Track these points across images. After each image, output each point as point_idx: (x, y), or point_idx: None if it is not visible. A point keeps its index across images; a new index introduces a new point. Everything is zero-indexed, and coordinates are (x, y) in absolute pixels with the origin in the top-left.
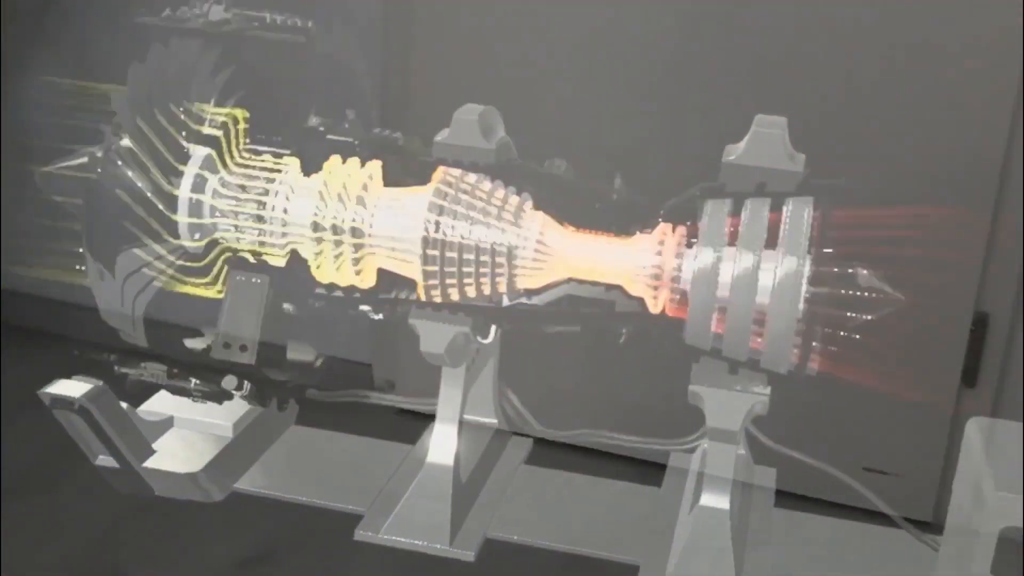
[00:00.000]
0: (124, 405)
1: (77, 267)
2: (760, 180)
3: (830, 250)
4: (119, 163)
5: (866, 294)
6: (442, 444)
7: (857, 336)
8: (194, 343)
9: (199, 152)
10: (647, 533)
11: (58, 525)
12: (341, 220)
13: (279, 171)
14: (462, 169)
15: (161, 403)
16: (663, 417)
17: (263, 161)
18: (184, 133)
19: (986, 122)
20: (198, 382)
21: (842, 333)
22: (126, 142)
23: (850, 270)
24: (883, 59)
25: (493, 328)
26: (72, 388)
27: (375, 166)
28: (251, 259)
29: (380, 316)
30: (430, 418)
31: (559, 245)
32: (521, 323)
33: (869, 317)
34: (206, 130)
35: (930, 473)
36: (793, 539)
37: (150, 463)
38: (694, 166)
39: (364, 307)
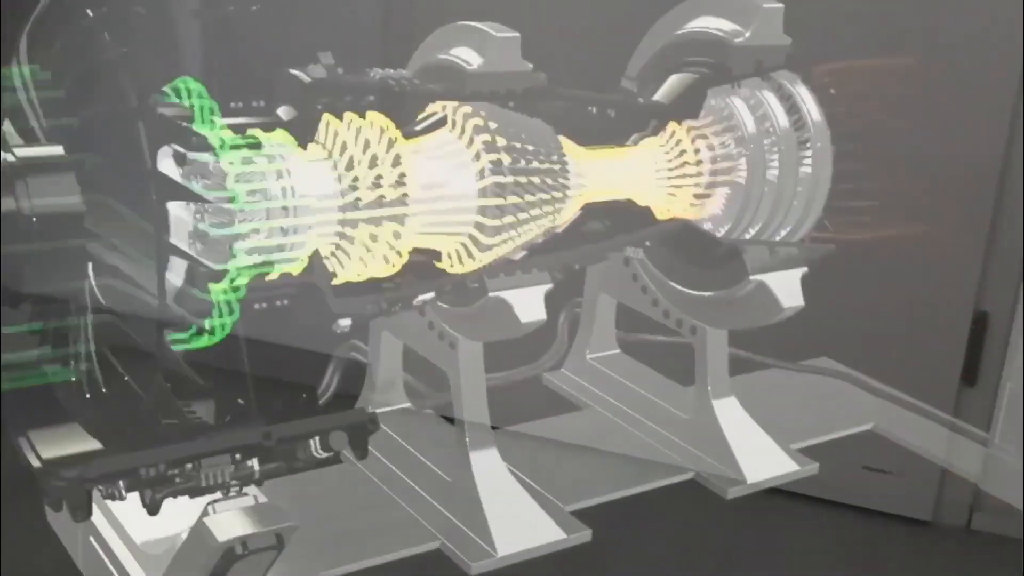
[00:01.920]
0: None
1: None
2: (758, 59)
3: None
4: None
5: None
6: (481, 440)
7: None
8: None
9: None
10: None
11: None
12: (376, 191)
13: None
14: (495, 102)
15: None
16: None
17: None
18: None
19: (986, 122)
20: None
21: None
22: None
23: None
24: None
25: None
26: (226, 524)
27: (379, 117)
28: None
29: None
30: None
31: (589, 169)
32: (563, 266)
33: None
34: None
35: (930, 472)
36: None
37: None
38: None
39: (425, 296)
